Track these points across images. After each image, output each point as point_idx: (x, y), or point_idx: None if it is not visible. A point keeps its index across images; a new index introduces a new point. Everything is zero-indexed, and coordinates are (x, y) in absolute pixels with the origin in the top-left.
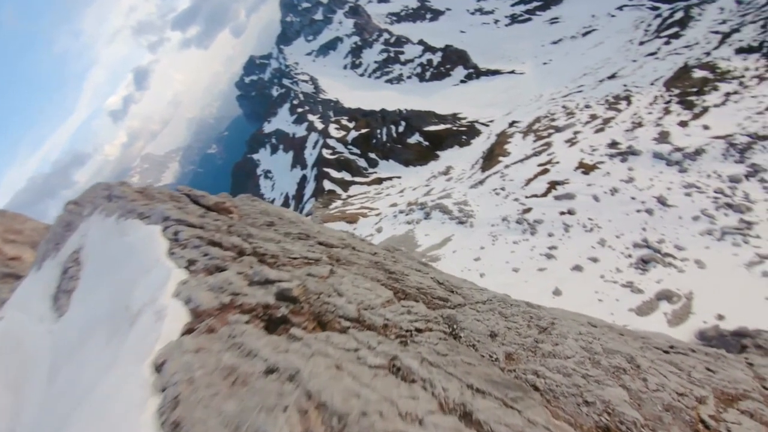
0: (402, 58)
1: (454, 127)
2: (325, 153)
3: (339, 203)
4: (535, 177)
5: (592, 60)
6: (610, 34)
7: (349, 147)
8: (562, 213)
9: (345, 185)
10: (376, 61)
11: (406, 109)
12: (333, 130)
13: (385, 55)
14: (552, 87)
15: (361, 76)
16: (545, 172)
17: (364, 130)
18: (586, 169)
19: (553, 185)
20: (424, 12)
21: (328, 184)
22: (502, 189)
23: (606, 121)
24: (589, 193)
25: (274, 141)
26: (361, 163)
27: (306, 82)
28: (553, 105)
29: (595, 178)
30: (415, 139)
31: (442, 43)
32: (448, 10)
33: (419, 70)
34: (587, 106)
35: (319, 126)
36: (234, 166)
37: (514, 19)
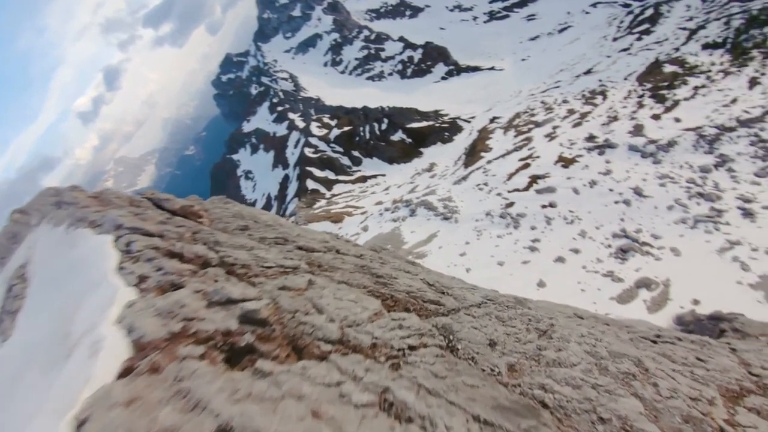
0: (383, 55)
1: (437, 124)
2: (308, 152)
3: (323, 203)
4: (517, 172)
5: (568, 56)
6: (585, 31)
7: (331, 145)
8: (544, 206)
9: (329, 184)
10: (356, 59)
11: (388, 107)
12: (315, 128)
13: (365, 52)
14: (530, 83)
15: (342, 73)
16: (526, 166)
17: (346, 128)
18: (566, 162)
19: (534, 179)
20: (403, 9)
21: (311, 184)
22: (485, 184)
23: (583, 116)
24: (569, 186)
25: (254, 140)
26: (345, 161)
27: (285, 79)
28: (532, 101)
29: (574, 172)
30: (398, 136)
31: (422, 39)
32: (427, 6)
33: (400, 67)
34: (565, 101)
35: (301, 124)
36: (213, 168)
37: (492, 15)
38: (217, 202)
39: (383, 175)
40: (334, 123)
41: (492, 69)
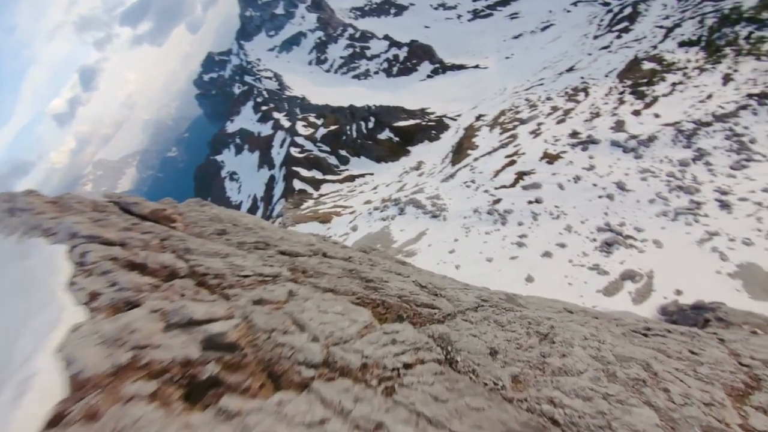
0: (368, 53)
1: (423, 122)
2: (294, 151)
3: (311, 203)
4: (503, 168)
5: (550, 54)
6: (566, 29)
7: (318, 145)
8: (530, 202)
9: (316, 184)
10: (341, 57)
11: (374, 105)
12: (300, 127)
13: (350, 50)
14: (515, 80)
15: (327, 72)
16: (512, 163)
17: (333, 127)
18: (551, 158)
19: (520, 176)
20: (387, 7)
21: (298, 184)
22: (473, 181)
23: (566, 113)
24: (554, 182)
25: (238, 141)
26: (332, 160)
27: (269, 78)
28: (517, 98)
29: (559, 167)
30: (385, 135)
31: (407, 38)
32: (411, 5)
33: (386, 65)
34: (548, 99)
35: (286, 124)
36: (196, 169)
37: (476, 14)
38: (193, 204)
39: (371, 174)
40: (320, 122)
41: (477, 67)
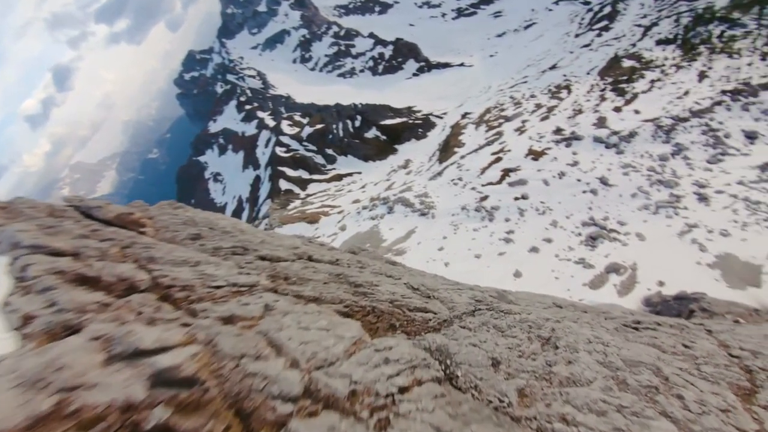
0: (353, 51)
1: (410, 121)
2: (279, 151)
3: (298, 203)
4: (490, 165)
5: (533, 52)
6: (548, 27)
7: (304, 144)
8: (517, 198)
9: (303, 184)
10: (326, 55)
11: (361, 103)
12: (286, 126)
13: (335, 48)
14: (499, 78)
15: (312, 70)
16: (498, 160)
17: (319, 126)
18: (536, 155)
19: (506, 172)
20: (372, 5)
21: (284, 184)
22: (460, 179)
23: (550, 110)
24: (540, 178)
25: (221, 141)
26: (319, 159)
27: (253, 77)
28: (502, 96)
29: (543, 164)
30: (372, 133)
31: (392, 36)
32: (396, 3)
33: (371, 63)
34: (532, 96)
35: (271, 123)
36: (179, 171)
37: (460, 12)
38: (166, 207)
39: (359, 173)
40: (305, 121)
41: (462, 65)
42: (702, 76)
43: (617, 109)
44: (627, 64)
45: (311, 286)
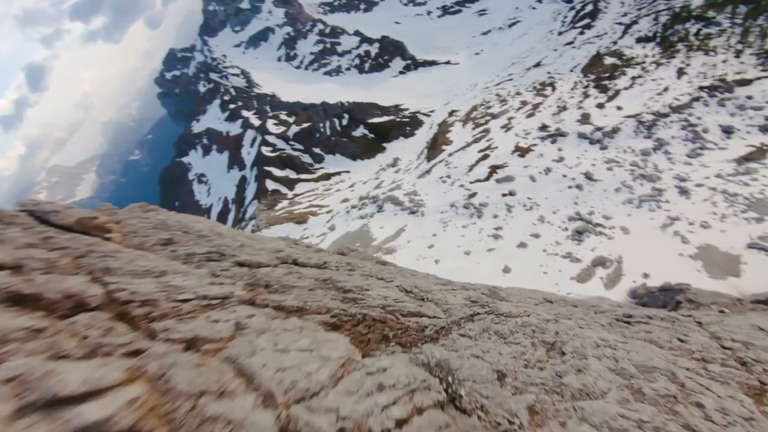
0: (339, 49)
1: (398, 119)
2: (265, 151)
3: (285, 203)
4: (477, 163)
5: (518, 50)
6: (532, 26)
7: (290, 143)
8: (504, 195)
9: (290, 183)
10: (312, 53)
11: (348, 102)
12: (271, 125)
13: (321, 46)
14: (485, 76)
15: (298, 68)
16: (486, 157)
17: (305, 125)
18: (522, 152)
19: (493, 169)
20: (357, 2)
21: (271, 184)
22: (448, 176)
23: (535, 107)
24: (526, 174)
25: (205, 141)
26: (306, 159)
27: (237, 75)
28: (488, 93)
29: (530, 160)
30: (360, 132)
31: (378, 34)
32: (381, 0)
33: (358, 61)
34: (518, 93)
35: (256, 122)
36: (162, 172)
37: (445, 10)
38: (137, 210)
39: (347, 171)
40: (292, 120)
41: (448, 63)
42: (680, 72)
43: (600, 106)
44: (609, 61)
45: (295, 295)
